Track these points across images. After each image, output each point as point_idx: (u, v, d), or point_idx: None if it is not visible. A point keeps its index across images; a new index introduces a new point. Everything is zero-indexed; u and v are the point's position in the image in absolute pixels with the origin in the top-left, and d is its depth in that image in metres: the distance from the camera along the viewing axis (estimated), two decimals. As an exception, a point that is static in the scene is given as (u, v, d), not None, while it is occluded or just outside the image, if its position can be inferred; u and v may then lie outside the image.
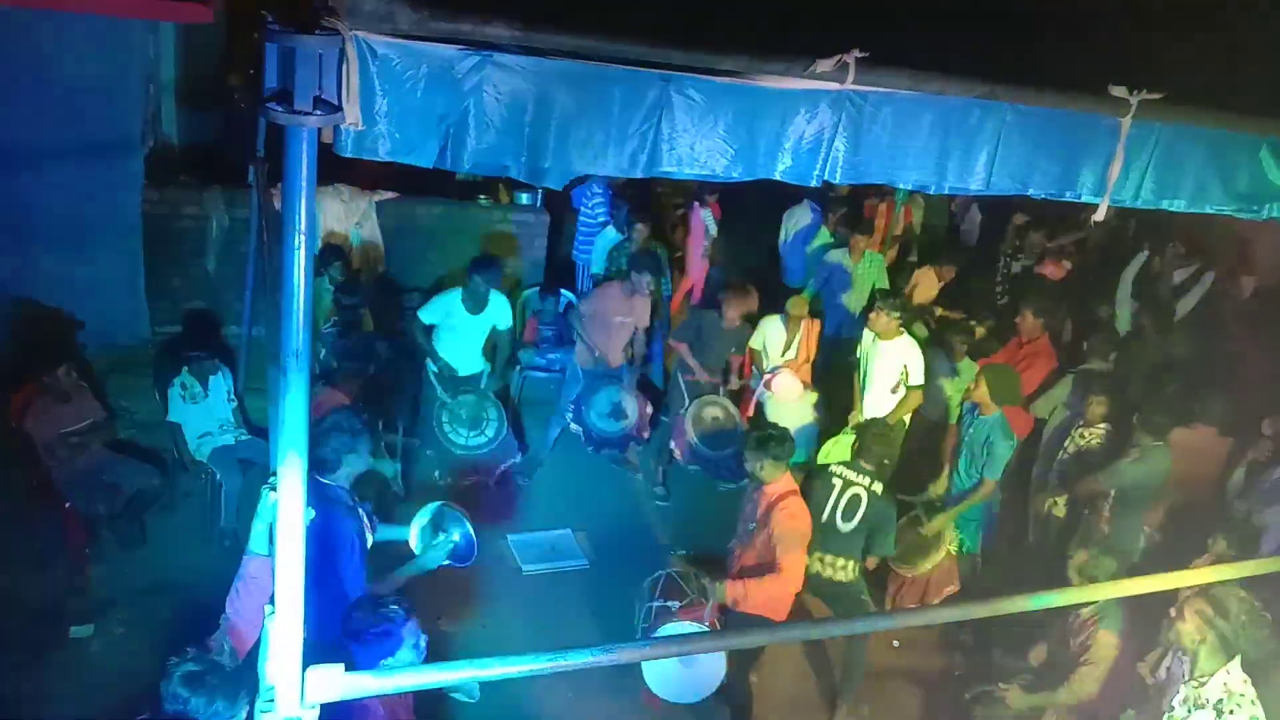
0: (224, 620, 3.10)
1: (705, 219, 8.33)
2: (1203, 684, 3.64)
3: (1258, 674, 3.75)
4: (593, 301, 6.99)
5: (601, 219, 8.26)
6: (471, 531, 4.28)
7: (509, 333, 6.89)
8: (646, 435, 7.02)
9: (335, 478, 4.02)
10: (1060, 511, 6.13)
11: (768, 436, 4.96)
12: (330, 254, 6.90)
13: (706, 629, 4.68)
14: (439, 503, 4.41)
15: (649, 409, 6.97)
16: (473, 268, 6.63)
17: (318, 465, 4.00)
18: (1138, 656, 4.39)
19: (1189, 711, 3.65)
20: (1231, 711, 3.60)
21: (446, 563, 4.27)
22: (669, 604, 4.80)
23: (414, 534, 4.37)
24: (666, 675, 4.76)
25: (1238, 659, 3.65)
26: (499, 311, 6.75)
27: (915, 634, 6.00)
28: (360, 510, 4.12)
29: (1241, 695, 3.63)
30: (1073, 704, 4.55)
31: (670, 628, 4.67)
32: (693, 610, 4.78)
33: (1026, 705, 4.73)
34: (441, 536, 4.27)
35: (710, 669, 4.73)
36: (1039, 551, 6.22)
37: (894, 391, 6.52)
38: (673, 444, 6.95)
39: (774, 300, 7.31)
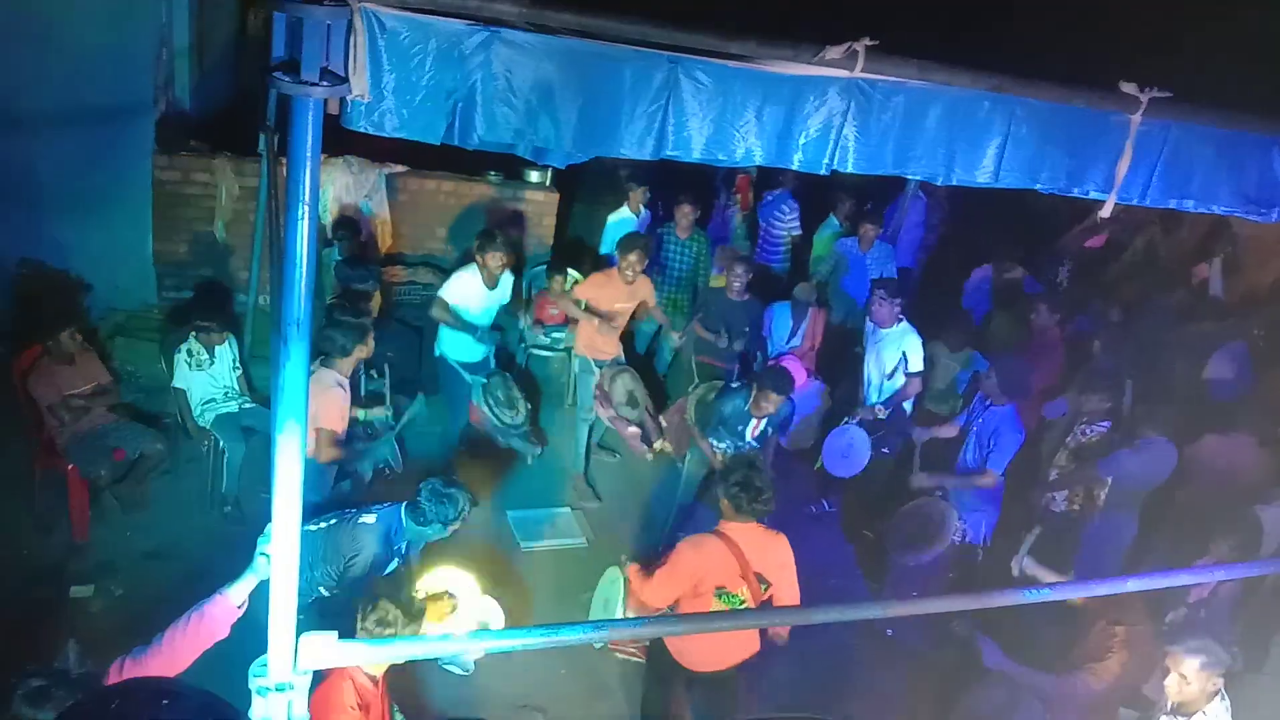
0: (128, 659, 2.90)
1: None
2: None
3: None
4: (593, 290, 6.73)
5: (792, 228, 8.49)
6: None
7: (509, 303, 6.85)
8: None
9: None
10: (1058, 506, 6.13)
11: (737, 478, 4.23)
12: (342, 225, 6.88)
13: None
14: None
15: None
16: (482, 244, 6.40)
17: None
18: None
19: None
20: None
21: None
22: None
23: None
24: None
25: (1217, 699, 3.74)
26: (506, 287, 6.62)
27: (909, 624, 6.01)
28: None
29: None
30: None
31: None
32: None
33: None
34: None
35: None
36: (1040, 546, 6.21)
37: (890, 378, 6.48)
38: (662, 417, 6.74)
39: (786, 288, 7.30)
